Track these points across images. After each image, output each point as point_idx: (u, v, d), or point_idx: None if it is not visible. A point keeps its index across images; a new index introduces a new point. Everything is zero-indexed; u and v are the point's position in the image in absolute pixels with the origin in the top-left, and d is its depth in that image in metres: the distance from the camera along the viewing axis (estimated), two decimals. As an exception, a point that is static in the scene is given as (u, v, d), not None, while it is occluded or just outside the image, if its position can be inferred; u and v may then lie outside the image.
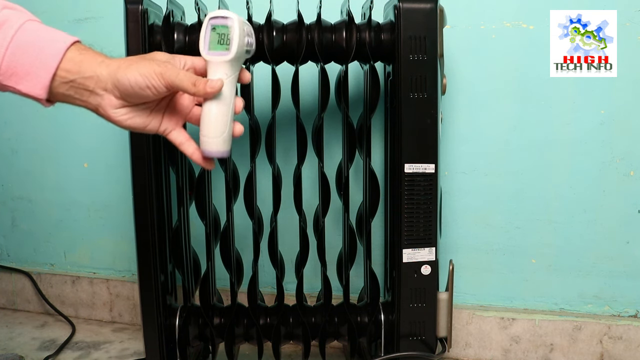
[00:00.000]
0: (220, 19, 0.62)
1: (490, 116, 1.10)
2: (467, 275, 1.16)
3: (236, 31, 0.61)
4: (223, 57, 0.62)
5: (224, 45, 0.62)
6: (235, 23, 0.61)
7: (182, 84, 0.59)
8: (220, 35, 0.62)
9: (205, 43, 0.62)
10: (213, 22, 0.62)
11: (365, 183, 1.00)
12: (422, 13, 0.89)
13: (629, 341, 1.11)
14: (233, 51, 0.61)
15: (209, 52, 0.62)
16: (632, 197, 1.08)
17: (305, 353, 1.02)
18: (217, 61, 0.62)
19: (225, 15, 0.62)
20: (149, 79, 0.58)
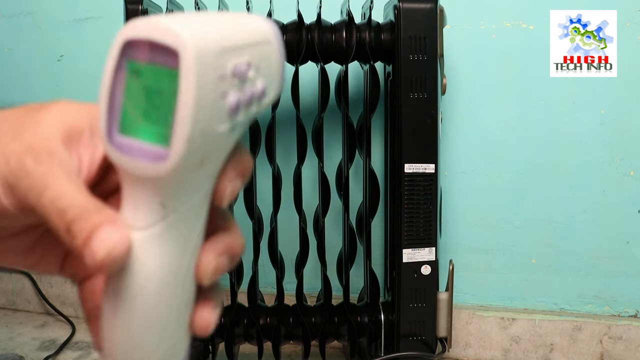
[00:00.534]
0: (147, 48, 0.24)
1: (490, 116, 1.10)
2: (467, 275, 1.16)
3: (189, 92, 0.23)
4: (151, 164, 0.24)
5: (159, 125, 0.24)
6: (192, 60, 0.22)
7: (50, 216, 0.25)
8: (149, 94, 0.24)
9: (110, 111, 0.25)
10: (134, 54, 0.24)
11: (365, 183, 1.00)
12: (422, 13, 0.89)
13: (629, 341, 1.11)
14: (178, 151, 0.23)
15: (120, 138, 0.25)
16: (632, 197, 1.08)
17: (305, 353, 1.02)
18: (137, 175, 0.25)
19: (168, 41, 0.23)
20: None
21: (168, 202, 0.25)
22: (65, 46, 1.21)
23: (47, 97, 1.23)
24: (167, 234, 0.26)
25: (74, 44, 1.21)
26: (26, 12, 1.22)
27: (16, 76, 1.23)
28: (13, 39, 1.22)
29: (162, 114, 0.24)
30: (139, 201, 0.25)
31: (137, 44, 0.24)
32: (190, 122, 0.23)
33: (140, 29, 0.23)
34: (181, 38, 0.23)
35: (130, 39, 0.24)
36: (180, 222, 0.26)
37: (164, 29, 0.23)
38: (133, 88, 0.24)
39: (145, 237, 0.26)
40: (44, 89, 1.23)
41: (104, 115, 0.25)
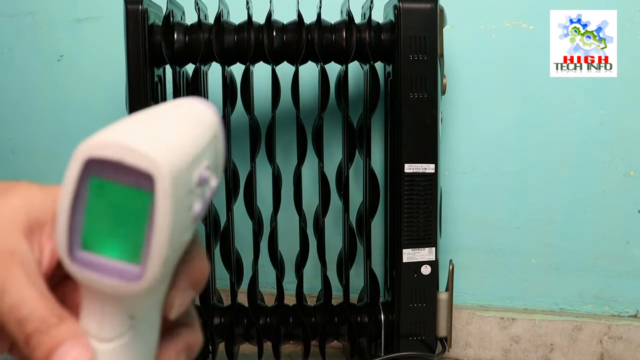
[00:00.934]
0: (115, 169, 0.23)
1: (490, 116, 1.10)
2: (467, 275, 1.16)
3: (166, 217, 0.23)
4: (124, 283, 0.23)
5: (127, 242, 0.23)
6: (168, 185, 0.22)
7: (9, 324, 0.24)
8: (116, 211, 0.23)
9: (71, 227, 0.24)
10: (98, 171, 0.23)
11: (365, 183, 1.00)
12: (422, 13, 0.89)
13: (629, 341, 1.11)
14: (154, 272, 0.23)
15: (83, 254, 0.24)
16: (632, 197, 1.08)
17: (305, 353, 1.01)
18: (106, 293, 0.24)
19: (142, 165, 0.22)
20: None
21: (137, 313, 0.25)
22: (65, 46, 1.21)
23: (47, 97, 1.23)
24: (134, 342, 0.25)
25: (74, 44, 1.21)
26: (26, 12, 1.22)
27: (16, 76, 1.23)
28: (13, 39, 1.22)
29: (131, 231, 0.23)
30: (104, 314, 0.25)
31: (103, 163, 0.23)
32: (166, 245, 0.23)
33: (107, 148, 0.23)
34: (156, 163, 0.22)
35: (95, 157, 0.23)
36: (146, 327, 0.26)
37: (134, 150, 0.22)
38: (96, 204, 0.23)
39: (112, 349, 0.25)
40: (44, 89, 1.23)
41: (63, 233, 0.23)
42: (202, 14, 0.92)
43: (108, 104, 1.19)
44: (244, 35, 0.92)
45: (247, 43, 0.91)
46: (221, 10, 0.91)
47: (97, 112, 1.21)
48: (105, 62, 1.18)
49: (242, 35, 0.92)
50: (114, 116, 1.21)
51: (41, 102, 1.23)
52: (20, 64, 1.23)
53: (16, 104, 1.26)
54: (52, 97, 1.23)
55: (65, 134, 1.31)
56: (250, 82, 0.94)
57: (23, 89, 1.24)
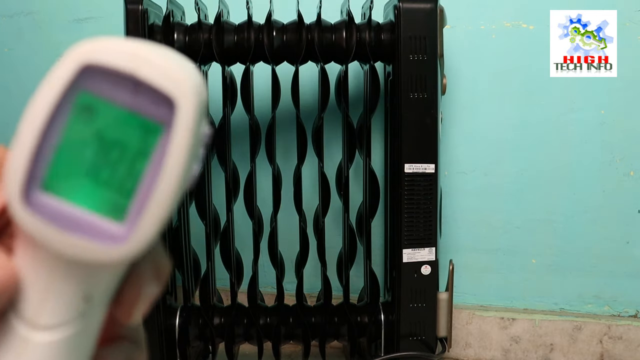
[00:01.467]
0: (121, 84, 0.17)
1: (490, 116, 1.10)
2: (467, 275, 1.16)
3: (180, 157, 0.17)
4: (98, 245, 0.17)
5: (110, 190, 0.18)
6: (192, 119, 0.17)
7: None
8: (104, 144, 0.17)
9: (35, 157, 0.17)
10: (93, 83, 0.18)
11: (365, 183, 1.00)
12: (422, 13, 0.89)
13: (629, 341, 1.11)
14: (145, 235, 0.17)
15: (43, 197, 0.18)
16: (632, 197, 1.08)
17: (305, 353, 1.01)
18: (66, 256, 0.18)
19: (164, 85, 0.17)
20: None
21: (95, 294, 0.18)
22: (65, 46, 1.20)
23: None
24: (79, 338, 0.19)
25: (74, 44, 1.21)
26: (26, 12, 1.22)
27: (16, 76, 1.23)
28: (13, 39, 1.22)
29: (119, 175, 0.17)
30: (51, 291, 0.18)
31: (104, 75, 0.17)
32: (172, 198, 0.17)
33: (116, 54, 0.17)
34: (181, 83, 0.17)
35: (97, 64, 0.17)
36: (95, 322, 0.19)
37: (154, 63, 0.17)
38: (77, 131, 0.17)
39: (49, 342, 0.18)
40: (44, 89, 1.23)
41: (23, 160, 0.17)
42: (202, 14, 0.92)
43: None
44: (244, 35, 0.92)
45: (247, 43, 0.91)
46: (221, 10, 0.91)
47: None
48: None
49: (242, 35, 0.92)
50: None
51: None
52: (20, 64, 1.23)
53: (16, 104, 1.26)
54: (52, 97, 1.23)
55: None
56: (250, 82, 0.94)
57: (23, 89, 1.24)
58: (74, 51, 0.18)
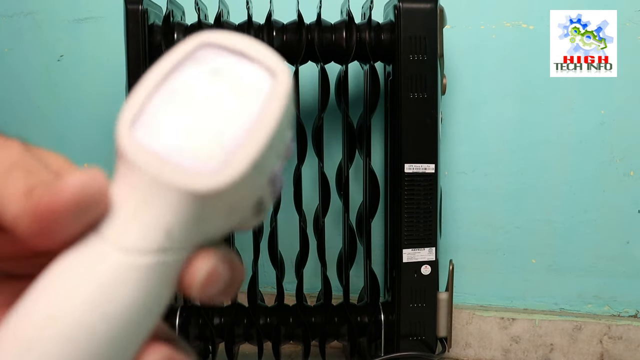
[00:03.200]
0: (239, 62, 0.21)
1: (490, 116, 1.10)
2: (467, 275, 1.16)
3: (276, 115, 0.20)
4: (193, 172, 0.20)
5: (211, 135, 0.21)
6: (287, 87, 0.21)
7: (7, 187, 0.19)
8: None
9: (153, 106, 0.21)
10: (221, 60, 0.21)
11: (365, 183, 1.00)
12: (422, 13, 0.89)
13: (629, 341, 1.11)
14: (235, 172, 0.19)
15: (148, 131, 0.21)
16: (632, 197, 1.08)
17: (305, 353, 1.01)
18: (162, 180, 0.20)
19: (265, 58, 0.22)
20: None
21: (176, 232, 0.20)
22: (65, 46, 1.21)
23: (47, 97, 1.23)
24: (151, 273, 0.19)
25: (74, 44, 1.21)
26: (26, 12, 1.22)
27: (16, 76, 1.23)
28: (13, 39, 1.22)
29: (221, 124, 0.20)
30: (139, 214, 0.19)
31: (219, 50, 0.21)
32: (260, 149, 0.20)
33: (230, 37, 0.21)
34: (279, 60, 0.21)
35: (214, 42, 0.21)
36: (166, 271, 0.20)
37: (259, 45, 0.21)
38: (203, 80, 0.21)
39: (125, 262, 0.19)
40: (44, 89, 1.23)
41: (140, 99, 0.20)
42: (202, 14, 0.92)
43: (108, 104, 1.19)
44: (244, 35, 0.92)
45: (247, 43, 0.91)
46: (221, 10, 0.91)
47: (97, 113, 1.21)
48: (105, 62, 1.18)
49: (242, 35, 0.92)
50: (114, 116, 1.21)
51: (41, 102, 1.23)
52: (20, 64, 1.23)
53: (16, 104, 1.26)
54: (52, 97, 1.23)
55: (65, 134, 1.31)
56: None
57: (23, 89, 1.24)
58: (196, 36, 0.21)
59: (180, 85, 0.21)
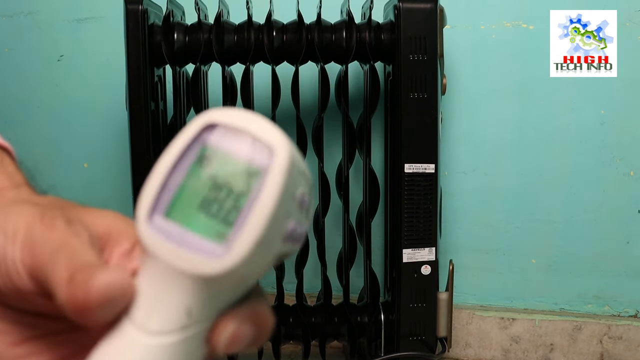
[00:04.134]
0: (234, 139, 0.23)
1: (490, 116, 1.10)
2: (467, 275, 1.16)
3: (273, 194, 0.22)
4: (201, 258, 0.22)
5: (216, 220, 0.22)
6: (285, 165, 0.22)
7: (54, 274, 0.22)
8: (216, 185, 0.23)
9: (162, 191, 0.23)
10: (213, 140, 0.23)
11: (365, 183, 1.00)
12: (422, 13, 0.89)
13: (629, 341, 1.11)
14: (239, 254, 0.21)
15: (164, 222, 0.23)
16: (632, 197, 1.08)
17: (305, 353, 1.01)
18: (176, 267, 0.22)
19: (266, 137, 0.23)
20: (8, 243, 0.24)
21: (195, 310, 0.22)
22: (65, 46, 1.21)
23: (47, 97, 1.23)
24: (178, 349, 0.22)
25: (74, 44, 1.21)
26: (26, 12, 1.22)
27: (16, 76, 1.23)
28: (13, 39, 1.22)
29: (225, 210, 0.22)
30: (160, 299, 0.22)
31: (222, 130, 0.23)
32: (261, 228, 0.21)
33: (232, 115, 0.23)
34: (280, 138, 0.22)
35: (218, 122, 0.23)
36: (195, 341, 0.23)
37: (261, 122, 0.23)
38: (197, 174, 0.23)
39: (154, 345, 0.22)
40: (44, 89, 1.23)
41: (152, 192, 0.22)
42: (202, 14, 0.92)
43: (108, 104, 1.19)
44: (244, 35, 0.92)
45: (247, 43, 0.91)
46: (221, 10, 0.91)
47: (97, 112, 1.21)
48: (105, 62, 1.18)
49: (242, 35, 0.92)
50: (114, 116, 1.21)
51: (41, 102, 1.23)
52: (20, 64, 1.23)
53: (16, 104, 1.26)
54: (52, 97, 1.23)
55: (65, 134, 1.31)
56: (250, 82, 0.94)
57: (23, 89, 1.24)
58: (201, 115, 0.23)
59: (188, 174, 0.23)
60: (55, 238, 0.23)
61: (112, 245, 0.25)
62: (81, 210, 0.26)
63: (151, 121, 0.91)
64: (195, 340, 0.23)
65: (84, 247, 0.23)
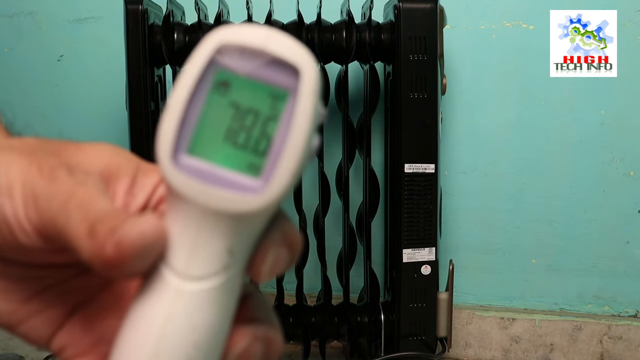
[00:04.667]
0: (252, 59, 0.20)
1: (490, 116, 1.10)
2: (467, 275, 1.16)
3: (307, 118, 0.20)
4: (239, 196, 0.20)
5: (246, 151, 0.21)
6: (314, 84, 0.20)
7: (69, 229, 0.21)
8: (239, 113, 0.21)
9: (181, 126, 0.20)
10: (229, 62, 0.20)
11: (365, 183, 1.00)
12: (422, 13, 0.89)
13: (629, 341, 1.11)
14: (279, 187, 0.20)
15: (190, 160, 0.21)
16: (632, 197, 1.08)
17: (305, 353, 1.01)
18: (212, 208, 0.20)
19: (289, 56, 0.20)
20: (4, 199, 0.22)
21: (236, 248, 0.21)
22: (65, 46, 1.21)
23: (47, 97, 1.23)
24: (223, 290, 0.21)
25: (74, 44, 1.21)
26: (26, 12, 1.22)
27: (16, 76, 1.23)
28: (13, 39, 1.22)
29: (254, 138, 0.20)
30: (199, 243, 0.21)
31: (238, 52, 0.20)
32: (300, 155, 0.20)
33: (248, 34, 0.20)
34: (304, 55, 0.20)
35: (232, 43, 0.20)
36: (236, 278, 0.22)
37: (281, 40, 0.20)
38: (216, 102, 0.20)
39: (199, 291, 0.21)
40: (44, 89, 1.23)
41: (172, 129, 0.20)
42: (202, 14, 0.92)
43: (108, 104, 1.19)
44: (244, 35, 0.92)
45: (247, 43, 0.91)
46: (221, 10, 0.91)
47: (97, 112, 1.21)
48: (105, 62, 1.18)
49: (242, 35, 0.92)
50: (114, 116, 1.21)
51: (41, 102, 1.23)
52: (20, 64, 1.23)
53: (16, 104, 1.26)
54: (52, 97, 1.23)
55: (65, 134, 1.31)
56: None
57: (23, 89, 1.24)
58: (211, 35, 0.20)
59: (206, 104, 0.20)
60: (61, 191, 0.21)
61: (113, 183, 0.24)
62: (74, 151, 0.24)
63: (151, 121, 0.91)
64: (237, 276, 0.22)
65: (95, 194, 0.22)
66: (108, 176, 0.24)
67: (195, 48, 0.21)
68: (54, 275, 0.25)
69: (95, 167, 0.23)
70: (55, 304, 0.25)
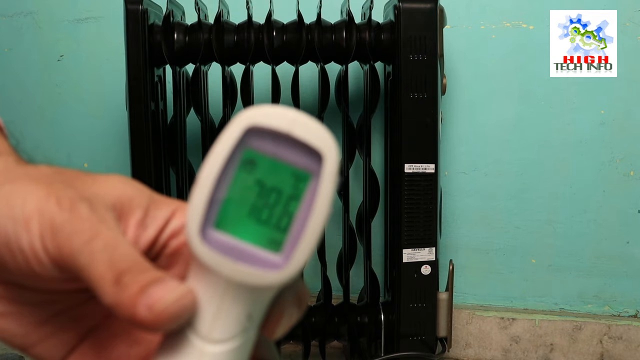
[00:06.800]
0: (278, 141, 0.22)
1: (490, 116, 1.10)
2: (467, 275, 1.16)
3: (327, 200, 0.22)
4: (261, 272, 0.22)
5: (269, 227, 0.22)
6: (334, 168, 0.22)
7: (96, 265, 0.21)
8: (264, 191, 0.22)
9: (209, 202, 0.22)
10: (256, 143, 0.22)
11: (365, 183, 1.00)
12: (422, 13, 0.89)
13: (629, 341, 1.11)
14: (298, 263, 0.22)
15: (216, 235, 0.22)
16: (632, 197, 1.08)
17: (305, 353, 1.01)
18: (236, 281, 0.22)
19: (313, 141, 0.22)
20: (21, 230, 0.22)
21: (255, 313, 0.23)
22: (65, 46, 1.21)
23: (47, 97, 1.23)
24: (241, 350, 0.23)
25: (74, 44, 1.21)
26: (26, 12, 1.22)
27: (16, 76, 1.23)
28: (13, 39, 1.22)
29: (276, 216, 0.22)
30: (222, 310, 0.22)
31: (265, 134, 0.21)
32: (319, 233, 0.21)
33: (276, 118, 0.21)
34: (328, 140, 0.21)
35: (260, 126, 0.21)
36: (253, 337, 0.24)
37: (307, 124, 0.21)
38: (243, 180, 0.22)
39: (220, 352, 0.22)
40: (44, 89, 1.23)
41: (201, 206, 0.21)
42: (202, 14, 0.92)
43: (108, 104, 1.19)
44: (244, 35, 0.92)
45: (247, 43, 0.92)
46: (221, 10, 0.91)
47: (97, 112, 1.21)
48: (105, 62, 1.18)
49: (242, 35, 0.92)
50: (114, 116, 1.21)
51: (41, 102, 1.23)
52: (20, 64, 1.23)
53: (16, 104, 1.26)
54: (52, 97, 1.23)
55: (66, 134, 1.31)
56: (250, 82, 0.94)
57: (23, 89, 1.24)
58: (241, 117, 0.21)
59: (233, 182, 0.22)
60: (84, 228, 0.22)
61: (125, 215, 0.24)
62: (89, 183, 0.24)
63: (151, 121, 0.91)
64: (254, 335, 0.23)
65: (119, 238, 0.22)
66: (120, 208, 0.24)
67: (226, 126, 0.22)
68: (67, 300, 0.25)
69: (108, 199, 0.24)
70: (67, 328, 0.26)
